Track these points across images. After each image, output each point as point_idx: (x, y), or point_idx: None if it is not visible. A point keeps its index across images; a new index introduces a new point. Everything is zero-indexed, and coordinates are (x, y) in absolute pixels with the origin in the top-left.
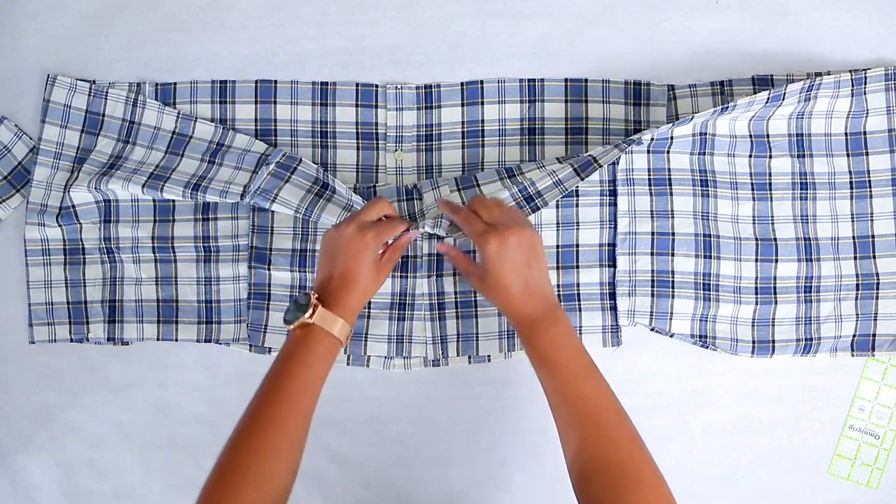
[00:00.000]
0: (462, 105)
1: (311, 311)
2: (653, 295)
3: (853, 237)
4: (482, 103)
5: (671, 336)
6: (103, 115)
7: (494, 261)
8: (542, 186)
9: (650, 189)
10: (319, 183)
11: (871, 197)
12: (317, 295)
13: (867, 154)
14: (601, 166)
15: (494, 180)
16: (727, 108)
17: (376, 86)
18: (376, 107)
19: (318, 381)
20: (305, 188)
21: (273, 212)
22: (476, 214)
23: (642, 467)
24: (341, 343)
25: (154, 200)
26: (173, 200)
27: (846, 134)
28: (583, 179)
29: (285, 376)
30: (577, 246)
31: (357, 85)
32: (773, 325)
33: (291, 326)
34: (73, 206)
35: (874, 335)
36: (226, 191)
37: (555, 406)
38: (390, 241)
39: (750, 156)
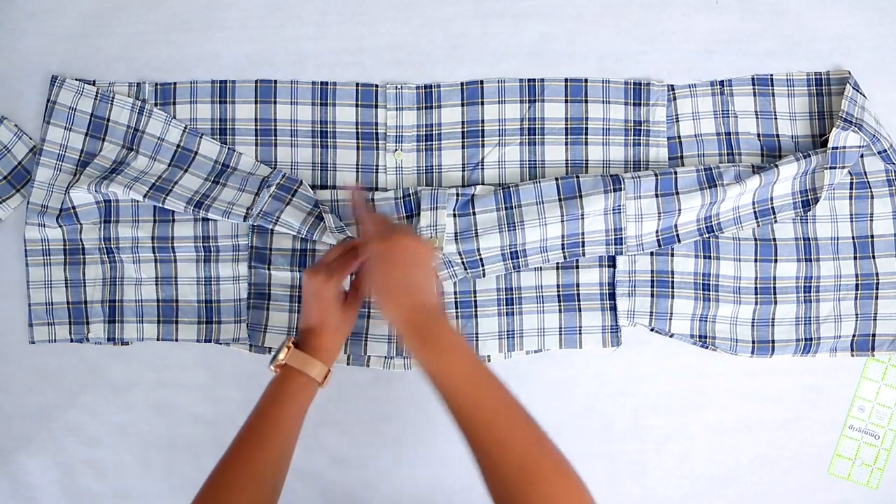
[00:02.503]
0: (462, 105)
1: (284, 352)
2: (652, 295)
3: (853, 237)
4: (482, 103)
5: (671, 336)
6: (108, 120)
7: (373, 261)
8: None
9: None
10: (319, 206)
11: (871, 197)
12: (293, 339)
13: (862, 157)
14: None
15: (491, 210)
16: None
17: (376, 86)
18: (376, 107)
19: (292, 419)
20: (306, 210)
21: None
22: (372, 224)
23: (541, 463)
24: (317, 383)
25: None
26: None
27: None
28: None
29: (262, 415)
30: None
31: (357, 85)
32: (773, 325)
33: (271, 367)
34: (74, 207)
35: (874, 335)
36: (228, 211)
37: (452, 413)
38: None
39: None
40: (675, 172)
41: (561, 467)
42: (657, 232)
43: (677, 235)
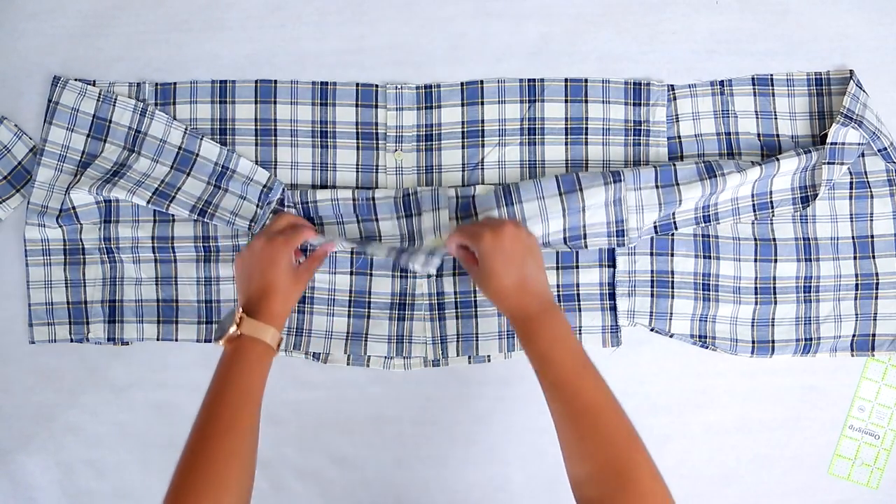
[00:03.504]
0: (462, 105)
1: (236, 324)
2: (652, 295)
3: (852, 237)
4: (482, 103)
5: (671, 336)
6: (110, 122)
7: (489, 254)
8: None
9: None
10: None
11: (871, 197)
12: (242, 310)
13: (863, 156)
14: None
15: (493, 208)
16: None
17: (376, 86)
18: (376, 107)
19: (256, 388)
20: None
21: (272, 211)
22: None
23: (639, 469)
24: (273, 350)
25: None
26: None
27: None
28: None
29: (223, 389)
30: None
31: (357, 85)
32: (773, 325)
33: (221, 342)
34: (74, 208)
35: (874, 335)
36: (231, 222)
37: (551, 402)
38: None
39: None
40: (675, 165)
41: (654, 470)
42: (656, 221)
43: (675, 223)
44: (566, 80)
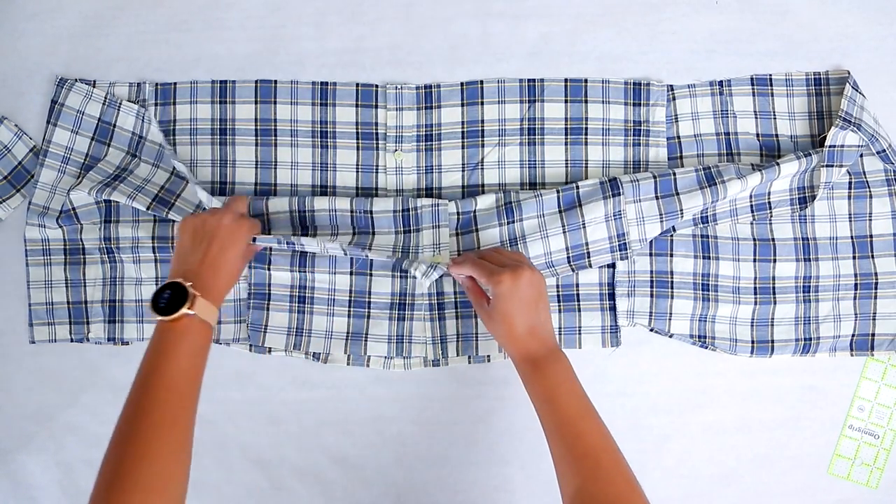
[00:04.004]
0: (462, 105)
1: (189, 302)
2: (652, 295)
3: (851, 237)
4: (482, 103)
5: (670, 336)
6: (114, 126)
7: (506, 297)
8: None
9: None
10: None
11: (870, 197)
12: (190, 283)
13: (862, 156)
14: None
15: (494, 225)
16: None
17: (376, 86)
18: (376, 107)
19: (200, 375)
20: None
21: (272, 211)
22: (485, 260)
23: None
24: (211, 328)
25: None
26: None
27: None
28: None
29: (167, 373)
30: None
31: (357, 85)
32: (772, 325)
33: (169, 318)
34: (74, 209)
35: (873, 335)
36: None
37: (553, 443)
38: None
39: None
40: (674, 174)
41: None
42: (661, 230)
43: (672, 226)
44: (566, 81)
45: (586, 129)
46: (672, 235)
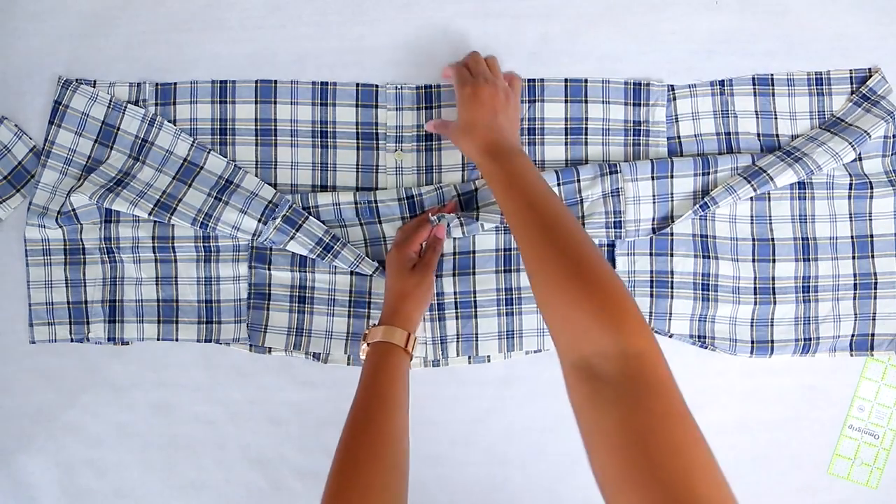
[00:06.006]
0: None
1: (363, 337)
2: (651, 295)
3: (851, 237)
4: None
5: (670, 336)
6: (118, 129)
7: (466, 103)
8: None
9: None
10: (322, 244)
11: (870, 197)
12: (378, 322)
13: (860, 160)
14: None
15: (493, 202)
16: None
17: (376, 86)
18: (376, 107)
19: (387, 390)
20: (313, 242)
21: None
22: (465, 66)
23: (592, 271)
24: (401, 349)
25: None
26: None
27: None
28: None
29: (359, 395)
30: None
31: (357, 85)
32: (772, 325)
33: (361, 354)
34: (74, 210)
35: (873, 335)
36: (234, 236)
37: (517, 223)
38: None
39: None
40: (671, 159)
41: (614, 278)
42: (654, 213)
43: (671, 216)
44: (566, 81)
45: (586, 129)
46: (672, 235)
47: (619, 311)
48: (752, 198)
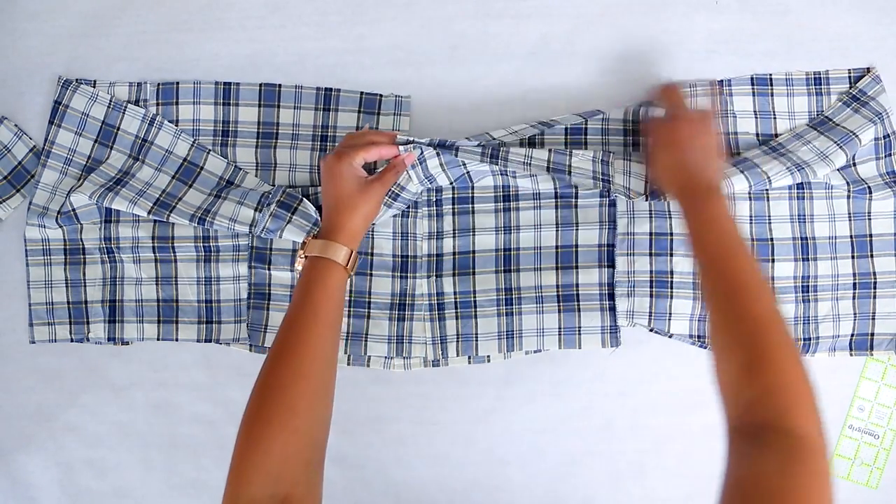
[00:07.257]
0: None
1: (301, 248)
2: (651, 295)
3: (851, 236)
4: None
5: (670, 336)
6: (118, 129)
7: (657, 144)
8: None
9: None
10: (319, 224)
11: (870, 197)
12: (315, 234)
13: (855, 165)
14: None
15: (486, 173)
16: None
17: (381, 95)
18: (379, 114)
19: (321, 307)
20: (308, 226)
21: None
22: (681, 104)
23: (770, 346)
24: (340, 265)
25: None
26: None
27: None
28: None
29: (290, 312)
30: (577, 246)
31: (361, 94)
32: None
33: (297, 270)
34: (74, 210)
35: (872, 334)
36: (231, 228)
37: (706, 280)
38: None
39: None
40: None
41: (794, 356)
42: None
43: (669, 210)
44: (566, 129)
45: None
46: (672, 235)
47: (791, 393)
48: (750, 198)
